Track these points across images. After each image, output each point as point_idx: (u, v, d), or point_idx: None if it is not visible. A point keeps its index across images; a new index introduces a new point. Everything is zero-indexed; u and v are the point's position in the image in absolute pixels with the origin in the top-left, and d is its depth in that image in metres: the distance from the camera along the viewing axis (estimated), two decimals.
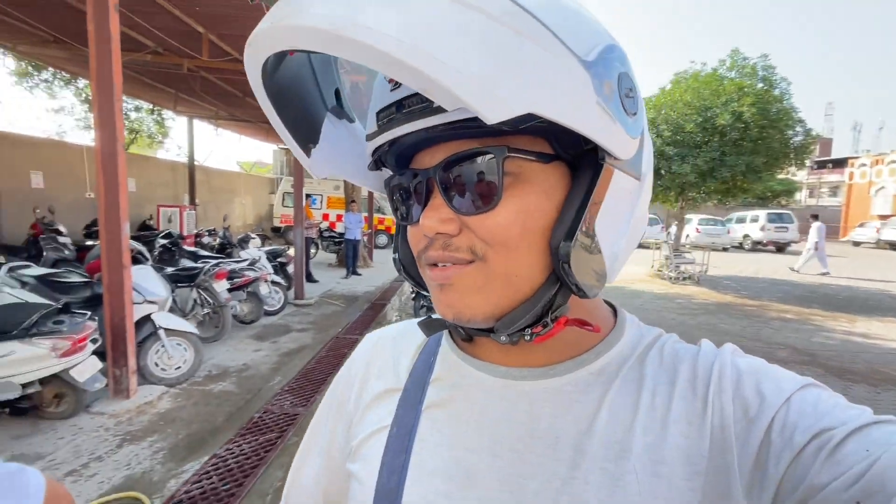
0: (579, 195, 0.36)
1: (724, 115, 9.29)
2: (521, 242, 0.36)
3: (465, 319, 0.38)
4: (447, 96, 0.27)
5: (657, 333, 0.45)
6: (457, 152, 0.36)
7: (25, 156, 8.76)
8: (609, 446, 0.38)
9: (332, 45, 0.28)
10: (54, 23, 6.30)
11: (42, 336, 2.86)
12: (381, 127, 0.38)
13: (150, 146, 18.18)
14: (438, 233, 0.37)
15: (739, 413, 0.36)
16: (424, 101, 0.34)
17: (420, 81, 0.27)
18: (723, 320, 6.85)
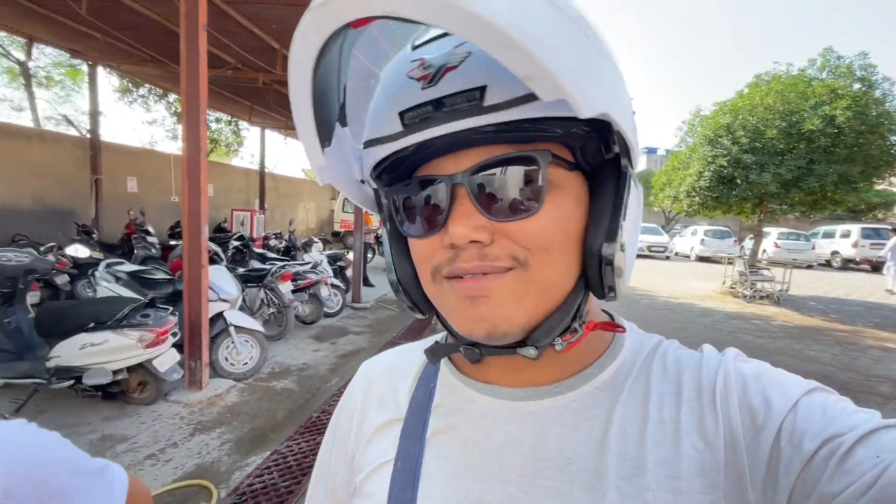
0: (609, 200, 0.36)
1: (812, 119, 8.44)
2: (561, 247, 0.36)
3: (500, 334, 0.36)
4: (549, 85, 0.27)
5: (657, 340, 0.45)
6: (495, 156, 0.35)
7: (123, 163, 9.79)
8: (622, 464, 0.37)
9: (437, 14, 0.26)
10: (152, 44, 7.01)
11: (131, 328, 3.13)
12: (409, 127, 0.35)
13: (227, 154, 19.68)
14: (472, 241, 0.35)
15: (748, 422, 0.35)
16: (473, 99, 0.32)
17: (526, 65, 0.26)
18: (809, 346, 6.18)
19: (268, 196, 14.46)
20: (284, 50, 6.67)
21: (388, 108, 0.36)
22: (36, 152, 8.10)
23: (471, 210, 0.35)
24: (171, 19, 5.87)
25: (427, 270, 0.39)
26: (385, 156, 0.37)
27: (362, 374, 0.54)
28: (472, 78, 0.32)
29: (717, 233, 18.92)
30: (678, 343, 0.45)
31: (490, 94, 0.32)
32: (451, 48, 0.34)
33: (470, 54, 0.33)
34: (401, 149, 0.36)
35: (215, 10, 5.31)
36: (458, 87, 0.32)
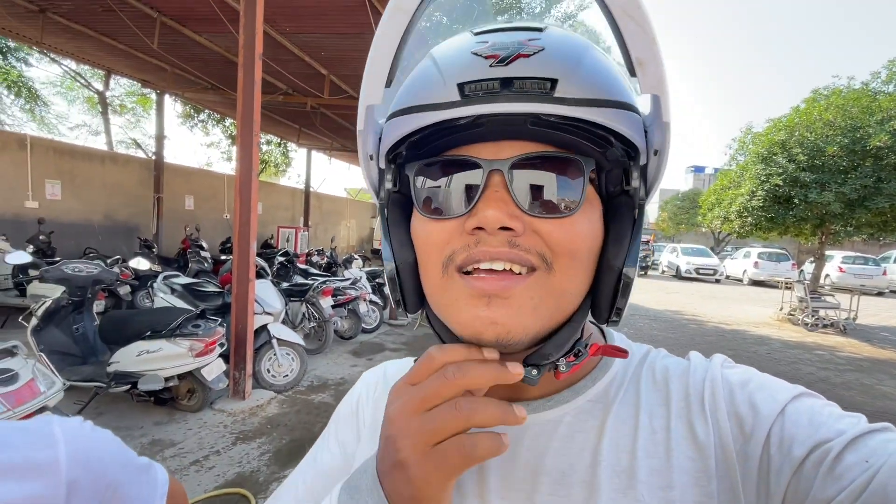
0: (629, 225, 0.37)
1: (880, 135, 7.87)
2: (585, 258, 0.36)
3: (512, 342, 0.33)
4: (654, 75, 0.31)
5: (645, 350, 0.45)
6: (540, 151, 0.35)
7: (182, 183, 10.52)
8: (615, 476, 0.36)
9: None
10: (213, 73, 7.58)
11: (183, 337, 3.31)
12: (468, 98, 0.33)
13: (276, 174, 20.71)
14: (503, 227, 0.33)
15: (736, 429, 0.35)
16: (543, 87, 0.32)
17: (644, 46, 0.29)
18: (881, 381, 5.62)
19: (312, 214, 15.04)
20: (332, 76, 7.02)
21: (443, 78, 0.34)
22: (108, 173, 8.87)
23: (506, 197, 0.34)
24: (231, 50, 6.34)
25: (437, 260, 0.36)
26: (429, 123, 0.35)
27: (365, 383, 0.54)
28: (544, 69, 0.33)
29: (773, 255, 17.78)
30: (666, 352, 0.45)
31: (561, 88, 0.32)
32: (522, 40, 0.34)
33: (543, 49, 0.34)
34: (453, 118, 0.34)
35: (270, 41, 5.69)
36: (531, 73, 0.33)
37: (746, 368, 0.40)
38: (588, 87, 0.33)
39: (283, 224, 12.73)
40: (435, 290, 0.37)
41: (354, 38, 5.59)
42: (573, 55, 0.34)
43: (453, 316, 0.36)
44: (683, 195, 28.72)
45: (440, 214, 0.36)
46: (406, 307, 0.40)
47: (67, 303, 3.39)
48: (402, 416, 0.32)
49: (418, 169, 0.38)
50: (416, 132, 0.36)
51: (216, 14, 5.04)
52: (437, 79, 0.35)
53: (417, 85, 0.37)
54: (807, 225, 9.23)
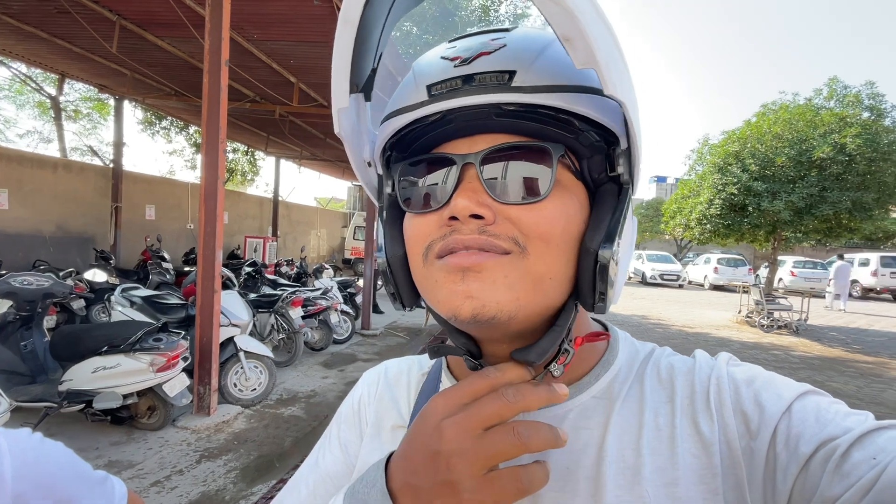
0: (609, 210, 0.37)
1: (822, 147, 8.46)
2: (560, 241, 0.36)
3: (487, 316, 0.34)
4: (584, 50, 0.29)
5: (650, 348, 0.45)
6: (508, 142, 0.36)
7: (143, 191, 10.10)
8: (620, 473, 0.37)
9: None
10: (176, 79, 7.36)
11: (143, 351, 3.16)
12: (434, 97, 0.36)
13: (243, 183, 20.19)
14: (473, 215, 0.34)
15: (742, 427, 0.36)
16: (500, 78, 0.34)
17: (568, 24, 0.28)
18: (831, 378, 5.97)
19: (280, 223, 14.72)
20: (301, 84, 6.95)
21: (415, 82, 0.38)
22: (61, 181, 8.41)
23: (478, 187, 0.35)
24: (195, 56, 6.18)
25: (419, 251, 0.38)
26: (404, 125, 0.38)
27: (366, 382, 0.54)
28: (503, 63, 0.34)
29: (731, 261, 18.67)
30: (671, 350, 0.45)
31: (518, 78, 0.34)
32: (487, 41, 0.36)
33: (505, 46, 0.35)
34: (421, 117, 0.36)
35: (237, 47, 5.58)
36: (490, 67, 0.35)
37: (752, 366, 0.40)
38: (547, 75, 0.34)
39: (250, 234, 12.39)
40: (419, 278, 0.39)
41: (323, 46, 5.56)
42: (534, 48, 0.35)
43: (434, 296, 0.37)
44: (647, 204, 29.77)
45: (422, 209, 0.38)
46: (402, 301, 0.42)
47: (15, 318, 3.19)
48: (458, 434, 0.30)
49: (402, 169, 0.40)
50: (396, 133, 0.39)
51: (180, 19, 4.91)
52: (411, 84, 0.38)
53: (398, 93, 0.40)
54: (760, 231, 9.76)
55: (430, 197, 0.38)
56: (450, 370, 0.48)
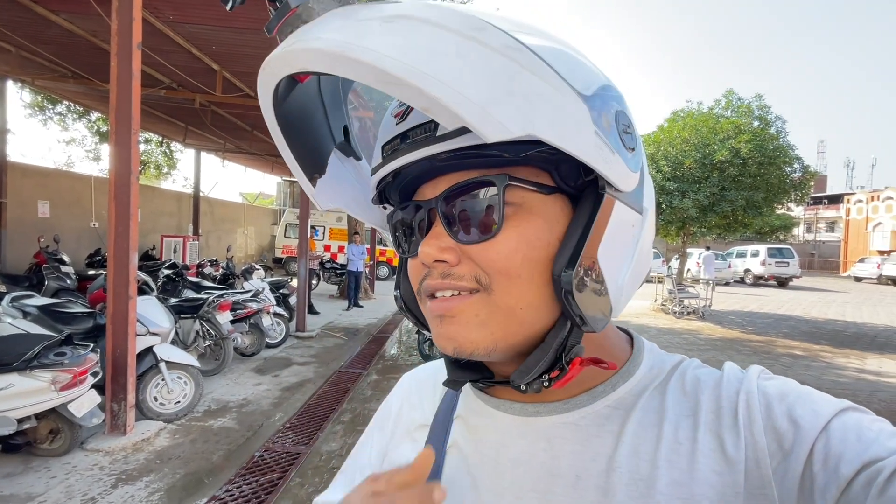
0: (580, 225, 0.35)
1: (721, 151, 9.49)
2: (522, 272, 0.35)
3: (466, 353, 0.37)
4: (447, 114, 0.29)
5: (678, 360, 0.44)
6: (458, 182, 0.37)
7: (34, 185, 8.86)
8: (633, 483, 0.36)
9: (338, 65, 0.30)
10: (74, 59, 6.53)
11: (43, 368, 2.79)
12: (385, 158, 0.39)
13: (157, 177, 18.45)
14: (437, 260, 0.37)
15: (774, 445, 0.34)
16: (428, 131, 0.35)
17: (420, 99, 0.29)
18: (731, 356, 6.74)
19: (202, 221, 13.65)
20: (225, 72, 6.48)
21: (377, 143, 0.41)
22: None
23: (440, 232, 0.37)
24: (98, 35, 5.53)
25: (416, 289, 0.41)
26: (376, 183, 0.42)
27: (401, 383, 0.58)
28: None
29: None
30: (699, 362, 0.44)
31: (441, 127, 0.35)
32: None
33: None
34: (383, 177, 0.40)
35: (149, 29, 5.07)
36: (418, 120, 0.36)
37: (786, 380, 0.38)
38: None
39: (167, 233, 11.38)
40: (423, 314, 0.43)
41: (250, 33, 5.22)
42: None
43: (433, 333, 0.40)
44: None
45: (406, 253, 0.42)
46: (424, 326, 0.45)
47: None
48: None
49: (390, 219, 0.44)
50: (377, 187, 0.43)
51: None
52: (376, 145, 0.42)
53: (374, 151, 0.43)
54: (672, 227, 10.76)
55: (410, 242, 0.41)
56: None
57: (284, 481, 2.86)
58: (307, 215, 7.45)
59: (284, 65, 0.33)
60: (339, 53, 0.29)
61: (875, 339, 8.44)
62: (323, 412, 4.01)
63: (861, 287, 21.07)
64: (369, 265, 11.17)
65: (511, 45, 0.31)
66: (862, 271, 23.92)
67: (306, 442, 3.42)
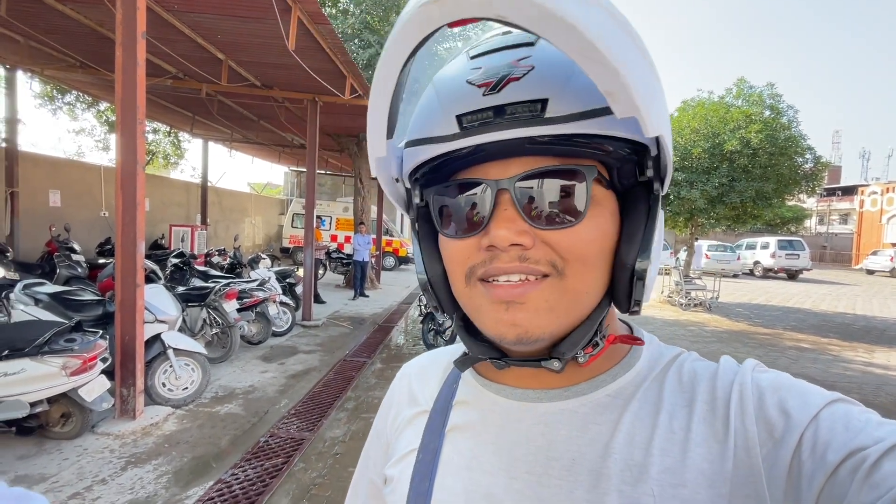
0: (642, 218, 0.38)
1: (731, 141, 9.33)
2: (596, 260, 0.37)
3: (531, 339, 0.37)
4: (626, 104, 0.30)
5: (676, 353, 0.45)
6: (542, 167, 0.36)
7: (45, 175, 8.98)
8: (627, 469, 0.37)
9: (543, 22, 0.27)
10: (82, 49, 6.56)
11: (54, 354, 2.86)
12: (466, 129, 0.36)
13: (166, 167, 18.58)
14: (513, 244, 0.36)
15: (764, 434, 0.35)
16: (533, 110, 0.34)
17: (611, 81, 0.29)
18: (737, 349, 6.71)
19: (210, 211, 13.76)
20: (231, 61, 6.47)
21: (442, 110, 0.37)
22: None
23: (514, 215, 0.36)
24: (105, 24, 5.54)
25: (461, 273, 0.40)
26: (435, 155, 0.38)
27: (402, 373, 0.58)
28: (534, 90, 0.34)
29: None
30: (697, 355, 0.45)
31: (551, 107, 0.34)
32: (512, 61, 0.36)
33: (533, 69, 0.35)
34: (455, 150, 0.37)
35: (154, 18, 5.07)
36: (521, 97, 0.34)
37: (779, 373, 0.39)
38: (579, 100, 0.34)
39: (176, 222, 11.50)
40: (462, 297, 0.41)
41: (255, 22, 5.20)
42: (563, 70, 0.34)
43: (479, 319, 0.40)
44: None
45: (458, 234, 0.39)
46: (445, 312, 0.44)
47: None
48: None
49: (436, 193, 0.41)
50: (427, 162, 0.40)
51: None
52: (438, 111, 0.38)
53: (423, 116, 0.40)
54: (680, 218, 10.64)
55: (467, 222, 0.39)
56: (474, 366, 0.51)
57: (289, 466, 2.92)
58: (313, 205, 7.48)
59: (474, 5, 0.28)
60: (550, 10, 0.27)
61: (885, 333, 8.35)
62: (327, 399, 4.07)
63: (873, 280, 20.77)
64: (375, 255, 11.22)
65: (646, 48, 0.33)
66: (874, 264, 23.56)
67: (311, 428, 3.48)
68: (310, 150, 7.37)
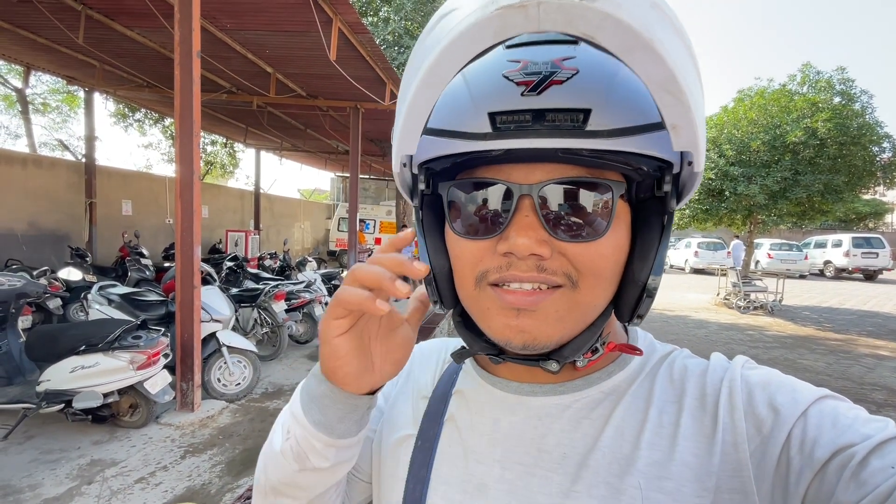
0: (656, 236, 0.37)
1: (795, 131, 8.66)
2: (610, 274, 0.37)
3: (538, 346, 0.37)
4: (689, 137, 0.30)
5: (669, 350, 0.45)
6: (569, 177, 0.35)
7: (118, 186, 9.85)
8: (614, 462, 0.38)
9: (635, 49, 0.26)
10: (148, 70, 7.15)
11: (123, 350, 3.13)
12: (500, 131, 0.33)
13: (223, 176, 19.79)
14: (532, 254, 0.35)
15: (752, 430, 0.35)
16: (575, 120, 0.32)
17: (680, 115, 0.29)
18: (802, 355, 6.20)
19: (263, 216, 14.52)
20: (278, 74, 6.82)
21: (472, 104, 0.34)
22: (31, 177, 8.15)
23: (534, 223, 0.35)
24: (167, 46, 6.01)
25: (470, 275, 0.38)
26: (461, 152, 0.36)
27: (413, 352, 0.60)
28: (577, 97, 0.32)
29: (711, 245, 19.07)
30: (689, 352, 0.45)
31: (594, 120, 0.32)
32: (556, 59, 0.33)
33: (577, 72, 0.33)
34: (484, 150, 0.34)
35: (209, 37, 5.45)
36: (564, 103, 0.32)
37: (769, 370, 0.39)
38: (622, 114, 0.32)
39: (231, 228, 12.22)
40: (469, 298, 0.40)
41: (300, 35, 5.46)
42: (606, 78, 0.33)
43: (485, 322, 0.39)
44: None
45: (472, 234, 0.38)
46: (443, 305, 0.43)
47: None
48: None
49: (451, 188, 0.39)
50: (448, 156, 0.37)
51: (148, 8, 4.77)
52: (468, 104, 0.35)
53: (449, 105, 0.36)
54: (737, 215, 10.00)
55: (482, 223, 0.37)
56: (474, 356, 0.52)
57: None
58: (356, 209, 7.71)
59: (561, 19, 0.26)
60: (648, 41, 0.26)
61: None
62: None
63: None
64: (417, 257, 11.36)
65: (699, 65, 0.33)
66: None
67: None
68: (352, 156, 7.61)
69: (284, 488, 0.44)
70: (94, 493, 2.59)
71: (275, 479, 0.44)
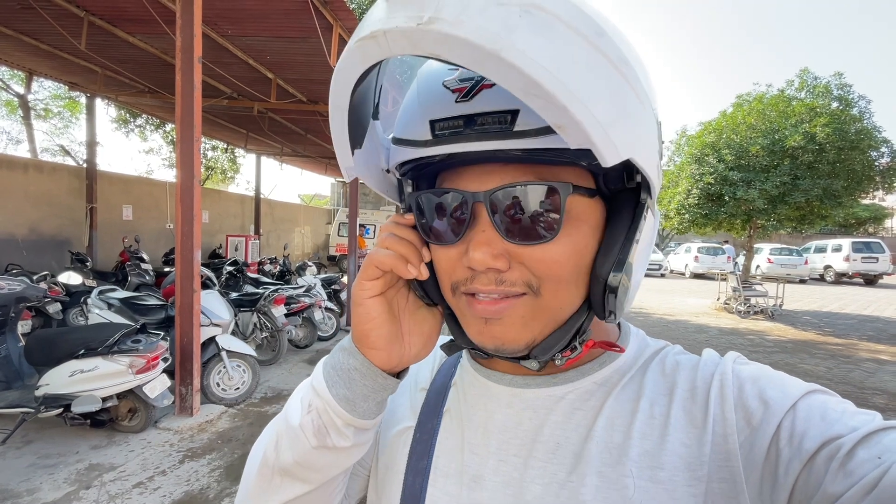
0: (623, 230, 0.37)
1: (794, 136, 8.68)
2: (570, 277, 0.37)
3: (508, 351, 0.39)
4: (577, 134, 0.28)
5: (661, 345, 0.47)
6: (516, 181, 0.36)
7: (119, 191, 9.88)
8: (607, 451, 0.39)
9: (485, 63, 0.26)
10: (149, 76, 7.20)
11: (122, 353, 3.12)
12: (438, 138, 0.36)
13: (224, 181, 19.86)
14: (489, 268, 0.36)
15: (742, 422, 0.36)
16: (503, 121, 0.33)
17: (560, 117, 0.27)
18: (803, 360, 6.19)
19: (263, 221, 14.54)
20: (279, 80, 6.86)
21: (419, 113, 0.37)
22: (32, 182, 8.18)
23: (491, 236, 0.36)
24: (168, 52, 6.05)
25: (447, 283, 0.41)
26: (411, 158, 0.38)
27: None
28: (506, 100, 0.33)
29: (711, 249, 19.08)
30: (681, 349, 0.46)
31: (521, 120, 0.32)
32: None
33: None
34: (428, 156, 0.37)
35: (210, 43, 5.49)
36: (492, 106, 0.33)
37: (760, 366, 0.40)
38: None
39: (232, 233, 12.23)
40: (449, 303, 0.43)
41: (300, 41, 5.50)
42: None
43: (464, 326, 0.42)
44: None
45: (439, 241, 0.40)
46: (430, 299, 0.44)
47: None
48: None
49: (417, 199, 0.41)
50: (406, 162, 0.40)
51: (150, 15, 4.80)
52: (416, 113, 0.37)
53: (405, 114, 0.39)
54: (737, 220, 10.00)
55: (445, 230, 0.39)
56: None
57: None
58: (356, 214, 7.72)
59: (410, 43, 0.28)
60: (492, 52, 0.26)
61: None
62: None
63: None
64: None
65: (621, 59, 0.31)
66: None
67: None
68: None
69: (297, 469, 0.43)
70: (93, 498, 2.58)
71: (288, 456, 0.43)
